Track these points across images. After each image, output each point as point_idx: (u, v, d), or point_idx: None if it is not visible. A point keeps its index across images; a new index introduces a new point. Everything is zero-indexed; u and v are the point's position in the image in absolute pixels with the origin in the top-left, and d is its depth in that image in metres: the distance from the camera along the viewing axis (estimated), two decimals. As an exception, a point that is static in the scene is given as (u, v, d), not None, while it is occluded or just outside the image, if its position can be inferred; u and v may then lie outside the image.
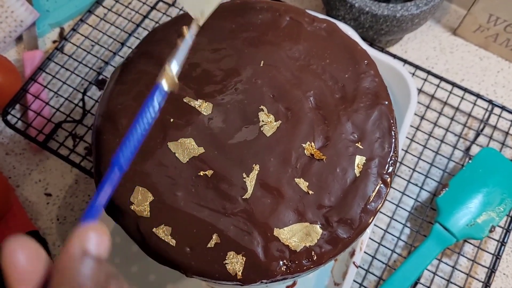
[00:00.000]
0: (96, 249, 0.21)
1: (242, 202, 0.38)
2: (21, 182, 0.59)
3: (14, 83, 0.61)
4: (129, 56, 0.44)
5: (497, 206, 0.53)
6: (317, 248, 0.37)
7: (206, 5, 0.36)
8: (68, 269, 0.20)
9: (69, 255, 0.20)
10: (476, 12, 0.63)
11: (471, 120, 0.62)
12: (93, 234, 0.21)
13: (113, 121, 0.41)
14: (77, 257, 0.20)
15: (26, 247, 0.20)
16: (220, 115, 0.41)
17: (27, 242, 0.20)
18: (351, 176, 0.39)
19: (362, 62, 0.43)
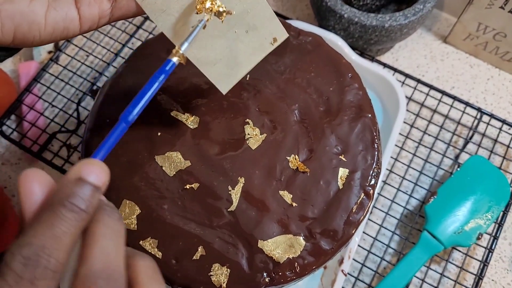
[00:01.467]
0: (92, 178, 0.23)
1: (227, 215, 0.39)
2: (17, 192, 0.60)
3: (10, 94, 0.62)
4: (118, 70, 0.45)
5: (484, 214, 0.54)
6: (300, 260, 0.38)
7: None
8: (63, 189, 0.22)
9: (66, 178, 0.23)
10: (466, 21, 0.64)
11: (460, 128, 0.63)
12: (92, 165, 0.24)
13: (101, 136, 0.42)
14: (73, 180, 0.23)
15: (39, 175, 0.23)
16: (207, 129, 0.42)
17: (40, 173, 0.23)
18: (334, 189, 0.40)
19: (347, 75, 0.44)
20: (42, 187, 0.23)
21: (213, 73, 0.35)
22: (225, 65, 0.35)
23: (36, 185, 0.23)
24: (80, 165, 0.23)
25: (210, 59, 0.35)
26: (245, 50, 0.36)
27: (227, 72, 0.36)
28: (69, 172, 0.23)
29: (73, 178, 0.23)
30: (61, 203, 0.22)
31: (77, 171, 0.23)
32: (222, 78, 0.36)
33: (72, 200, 0.22)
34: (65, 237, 0.22)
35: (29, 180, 0.23)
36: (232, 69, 0.36)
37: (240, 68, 0.36)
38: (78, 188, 0.23)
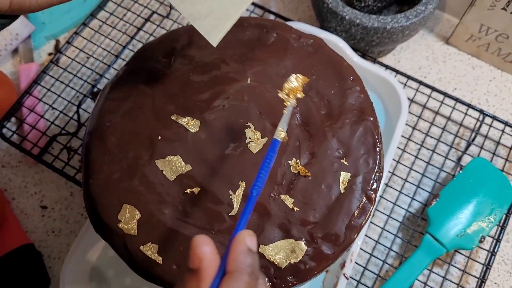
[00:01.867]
0: (253, 245, 0.28)
1: (228, 219, 0.38)
2: (17, 194, 0.60)
3: (10, 96, 0.62)
4: (119, 73, 0.45)
5: (487, 216, 0.54)
6: (302, 265, 0.37)
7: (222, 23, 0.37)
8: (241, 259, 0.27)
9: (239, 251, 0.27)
10: (468, 22, 0.63)
11: (462, 130, 0.62)
12: (249, 236, 0.28)
13: (101, 139, 0.41)
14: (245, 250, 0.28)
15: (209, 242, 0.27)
16: (208, 132, 0.41)
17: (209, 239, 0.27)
18: (336, 193, 0.39)
19: (348, 78, 0.44)
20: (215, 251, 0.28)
21: (204, 27, 0.36)
22: (215, 18, 0.36)
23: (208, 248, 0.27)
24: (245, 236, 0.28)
25: (202, 13, 0.36)
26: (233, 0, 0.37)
27: (217, 24, 0.36)
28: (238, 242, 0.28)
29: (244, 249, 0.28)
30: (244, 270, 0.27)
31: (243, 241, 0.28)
32: (212, 30, 0.36)
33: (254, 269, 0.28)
34: None
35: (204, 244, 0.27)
36: (221, 20, 0.37)
37: (228, 18, 0.37)
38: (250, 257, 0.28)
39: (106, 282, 0.51)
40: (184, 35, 0.46)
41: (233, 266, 0.27)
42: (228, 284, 0.26)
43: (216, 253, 0.27)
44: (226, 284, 0.26)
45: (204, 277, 0.26)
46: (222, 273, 0.27)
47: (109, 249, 0.52)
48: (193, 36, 0.46)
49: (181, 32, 0.46)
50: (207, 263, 0.27)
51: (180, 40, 0.46)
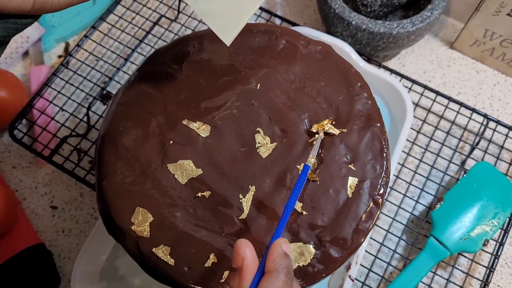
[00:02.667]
0: (288, 251, 0.32)
1: (238, 223, 0.39)
2: (28, 195, 0.61)
3: (21, 98, 0.63)
4: (130, 78, 0.46)
5: (490, 220, 0.55)
6: (310, 268, 0.38)
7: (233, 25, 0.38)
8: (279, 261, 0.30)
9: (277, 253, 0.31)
10: (473, 27, 0.64)
11: (466, 134, 0.63)
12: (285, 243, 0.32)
13: (114, 143, 0.42)
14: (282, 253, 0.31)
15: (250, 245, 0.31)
16: (218, 137, 0.42)
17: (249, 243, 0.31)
18: (344, 197, 0.40)
19: (356, 85, 0.45)
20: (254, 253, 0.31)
21: (217, 26, 0.37)
22: (228, 17, 0.37)
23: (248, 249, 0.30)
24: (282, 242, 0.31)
25: (215, 12, 0.37)
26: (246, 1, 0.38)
27: (230, 24, 0.37)
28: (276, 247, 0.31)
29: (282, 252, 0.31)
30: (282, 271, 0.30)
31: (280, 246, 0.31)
32: (225, 30, 0.37)
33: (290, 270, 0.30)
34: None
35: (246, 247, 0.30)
36: (234, 20, 0.37)
37: (241, 18, 0.38)
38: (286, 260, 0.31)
39: (116, 281, 0.52)
40: (194, 40, 0.47)
41: (272, 266, 0.30)
42: (267, 281, 0.29)
43: (255, 255, 0.30)
44: (265, 281, 0.29)
45: (246, 275, 0.30)
46: (261, 273, 0.30)
47: (119, 249, 0.53)
48: (204, 41, 0.47)
49: (192, 37, 0.47)
50: (248, 262, 0.30)
51: (191, 46, 0.47)
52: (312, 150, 0.40)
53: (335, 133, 0.42)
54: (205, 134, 0.42)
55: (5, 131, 0.64)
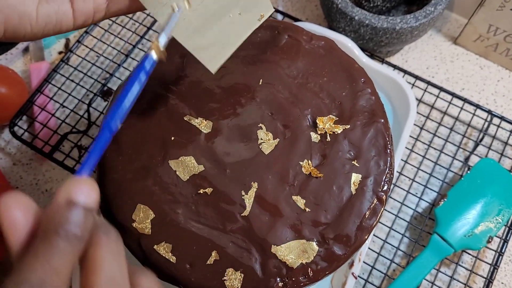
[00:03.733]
0: (83, 199, 0.22)
1: (240, 220, 0.39)
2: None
3: (21, 94, 0.62)
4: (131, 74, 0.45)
5: (495, 217, 0.54)
6: (313, 265, 0.38)
7: None
8: (54, 215, 0.21)
9: (56, 203, 0.21)
10: (476, 22, 0.64)
11: (470, 130, 0.63)
12: (80, 185, 0.22)
13: (115, 139, 0.42)
14: (63, 205, 0.21)
15: (20, 202, 0.21)
16: (220, 133, 0.42)
17: (21, 197, 0.22)
18: (347, 194, 0.40)
19: (359, 80, 0.44)
20: (26, 214, 0.21)
21: (205, 57, 0.37)
22: (217, 47, 0.37)
23: (19, 212, 0.21)
24: (68, 186, 0.22)
25: (203, 44, 0.36)
26: (236, 30, 0.38)
27: (218, 53, 0.37)
28: (58, 195, 0.22)
29: (63, 202, 0.21)
30: (54, 232, 0.20)
31: (66, 193, 0.22)
32: (212, 59, 0.37)
33: (66, 226, 0.21)
34: (63, 268, 0.20)
35: (11, 208, 0.21)
36: (223, 49, 0.37)
37: (229, 47, 0.38)
38: (70, 213, 0.21)
39: None
40: (196, 36, 0.46)
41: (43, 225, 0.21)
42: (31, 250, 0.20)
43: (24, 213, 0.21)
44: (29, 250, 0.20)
45: None
46: None
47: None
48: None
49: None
50: None
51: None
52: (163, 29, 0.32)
53: (337, 131, 0.42)
54: (207, 130, 0.42)
55: (5, 128, 0.64)
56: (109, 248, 0.22)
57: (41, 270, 0.20)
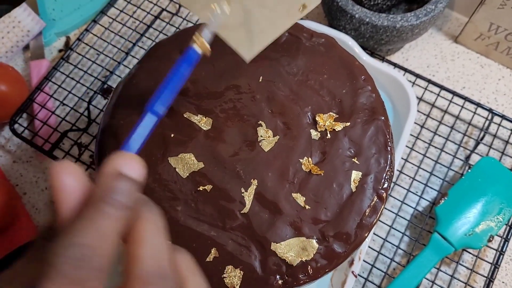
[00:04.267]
0: (130, 172, 0.22)
1: (240, 217, 0.39)
2: (28, 189, 0.60)
3: (21, 92, 0.62)
4: (132, 71, 0.45)
5: (495, 216, 0.54)
6: (313, 263, 0.38)
7: None
8: (103, 185, 0.22)
9: (105, 174, 0.22)
10: (477, 21, 0.64)
11: (471, 129, 0.62)
12: (128, 159, 0.23)
13: (115, 136, 0.42)
14: (112, 175, 0.22)
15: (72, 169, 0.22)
16: (220, 130, 0.42)
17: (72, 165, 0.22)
18: (347, 191, 0.40)
19: (360, 78, 0.44)
20: (77, 181, 0.22)
21: (233, 39, 0.35)
22: (246, 31, 0.35)
23: (71, 178, 0.22)
24: (116, 159, 0.23)
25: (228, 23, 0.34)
26: (269, 16, 0.35)
27: (249, 39, 0.35)
28: (106, 167, 0.22)
29: (112, 173, 0.22)
30: (103, 199, 0.21)
31: (115, 165, 0.22)
32: (244, 44, 0.35)
33: (115, 195, 0.21)
34: (110, 234, 0.21)
35: (63, 173, 0.22)
36: (255, 35, 0.35)
37: (264, 35, 0.35)
38: (119, 183, 0.22)
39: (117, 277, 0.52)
40: (196, 33, 0.46)
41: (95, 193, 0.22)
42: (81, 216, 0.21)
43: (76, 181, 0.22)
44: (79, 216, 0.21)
45: None
46: None
47: (119, 244, 0.53)
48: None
49: (194, 30, 0.46)
50: None
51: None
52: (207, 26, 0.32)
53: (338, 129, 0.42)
54: (206, 127, 0.42)
55: (5, 125, 0.64)
56: (153, 223, 0.23)
57: (89, 235, 0.20)
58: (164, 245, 0.23)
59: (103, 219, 0.21)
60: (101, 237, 0.20)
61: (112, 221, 0.21)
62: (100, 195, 0.21)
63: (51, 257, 0.19)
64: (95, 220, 0.21)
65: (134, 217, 0.22)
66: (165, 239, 0.23)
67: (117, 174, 0.22)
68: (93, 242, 0.20)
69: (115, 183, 0.22)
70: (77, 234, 0.20)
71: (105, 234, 0.21)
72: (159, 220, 0.23)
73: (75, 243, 0.20)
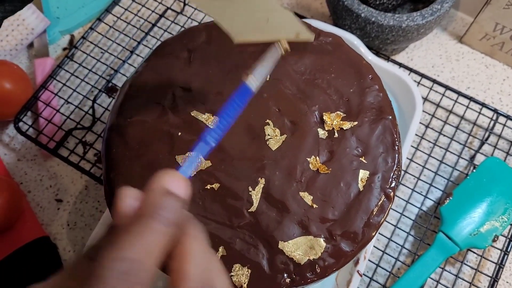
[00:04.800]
0: (177, 190, 0.24)
1: (248, 215, 0.39)
2: (32, 188, 0.60)
3: (26, 90, 0.62)
4: (138, 69, 0.45)
5: (500, 216, 0.54)
6: (321, 261, 0.38)
7: None
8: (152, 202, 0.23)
9: (154, 191, 0.23)
10: (483, 21, 0.64)
11: (476, 129, 0.62)
12: (176, 178, 0.24)
13: (122, 135, 0.42)
14: (160, 193, 0.23)
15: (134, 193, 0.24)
16: (227, 129, 0.41)
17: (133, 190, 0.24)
18: (355, 190, 0.40)
19: (367, 77, 0.44)
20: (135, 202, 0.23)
21: (230, 26, 0.34)
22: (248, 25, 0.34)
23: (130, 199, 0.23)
24: (164, 177, 0.24)
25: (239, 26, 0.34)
26: (266, 22, 0.34)
27: (248, 30, 0.34)
28: (155, 183, 0.23)
29: (160, 190, 0.23)
30: (151, 215, 0.22)
31: (163, 183, 0.23)
32: (238, 31, 0.34)
33: (162, 212, 0.22)
34: (156, 249, 0.22)
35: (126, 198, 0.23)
36: (249, 28, 0.34)
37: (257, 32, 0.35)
38: (165, 200, 0.23)
39: None
40: (203, 31, 0.46)
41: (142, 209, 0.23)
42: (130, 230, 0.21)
43: None
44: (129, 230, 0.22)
45: None
46: None
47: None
48: (213, 32, 0.46)
49: (201, 28, 0.46)
50: None
51: (200, 37, 0.46)
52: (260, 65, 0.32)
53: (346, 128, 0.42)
54: (214, 126, 0.42)
55: (10, 123, 0.63)
56: (199, 239, 0.24)
57: (136, 249, 0.21)
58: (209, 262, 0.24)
59: (151, 234, 0.21)
60: (148, 252, 0.21)
61: (159, 237, 0.22)
62: (148, 211, 0.22)
63: (98, 270, 0.20)
64: (142, 235, 0.21)
65: (179, 233, 0.23)
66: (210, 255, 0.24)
67: (164, 191, 0.23)
68: (139, 257, 0.21)
69: (163, 200, 0.23)
70: (125, 248, 0.21)
71: (152, 249, 0.21)
72: (204, 237, 0.24)
73: (122, 257, 0.20)
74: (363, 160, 0.41)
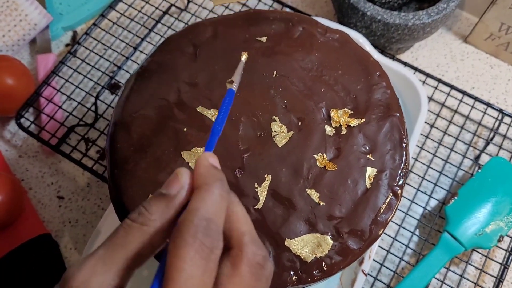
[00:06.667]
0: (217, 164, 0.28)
1: (254, 212, 0.38)
2: (34, 184, 0.59)
3: (27, 86, 0.61)
4: (144, 65, 0.45)
5: (505, 216, 0.54)
6: (328, 259, 0.37)
7: None
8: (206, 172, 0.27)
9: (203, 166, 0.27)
10: (488, 21, 0.63)
11: (481, 129, 0.62)
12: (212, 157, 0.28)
13: (127, 130, 0.41)
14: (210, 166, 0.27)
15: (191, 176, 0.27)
16: (233, 125, 0.41)
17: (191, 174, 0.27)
18: (362, 188, 0.39)
19: (374, 74, 0.44)
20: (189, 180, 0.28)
21: None
22: None
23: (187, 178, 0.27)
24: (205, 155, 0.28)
25: None
26: None
27: None
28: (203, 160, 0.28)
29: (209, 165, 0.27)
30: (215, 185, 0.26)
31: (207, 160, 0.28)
32: None
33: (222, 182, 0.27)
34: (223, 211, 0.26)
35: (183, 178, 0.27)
36: None
37: None
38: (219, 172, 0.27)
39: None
40: (209, 27, 0.46)
41: (201, 180, 0.27)
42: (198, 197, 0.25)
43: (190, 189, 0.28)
44: (196, 199, 0.25)
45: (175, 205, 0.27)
46: None
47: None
48: (218, 28, 0.46)
49: (206, 24, 0.46)
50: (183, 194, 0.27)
51: (205, 32, 0.46)
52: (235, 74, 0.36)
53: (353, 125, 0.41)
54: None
55: (11, 119, 0.63)
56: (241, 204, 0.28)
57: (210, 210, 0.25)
58: None
59: (221, 198, 0.26)
60: (218, 213, 0.25)
61: (224, 201, 0.26)
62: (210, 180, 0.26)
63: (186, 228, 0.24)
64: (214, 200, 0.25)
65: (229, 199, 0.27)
66: None
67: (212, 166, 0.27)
68: (213, 217, 0.25)
69: (217, 172, 0.27)
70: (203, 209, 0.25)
71: (221, 210, 0.26)
72: None
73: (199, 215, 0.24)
74: (371, 157, 0.40)
